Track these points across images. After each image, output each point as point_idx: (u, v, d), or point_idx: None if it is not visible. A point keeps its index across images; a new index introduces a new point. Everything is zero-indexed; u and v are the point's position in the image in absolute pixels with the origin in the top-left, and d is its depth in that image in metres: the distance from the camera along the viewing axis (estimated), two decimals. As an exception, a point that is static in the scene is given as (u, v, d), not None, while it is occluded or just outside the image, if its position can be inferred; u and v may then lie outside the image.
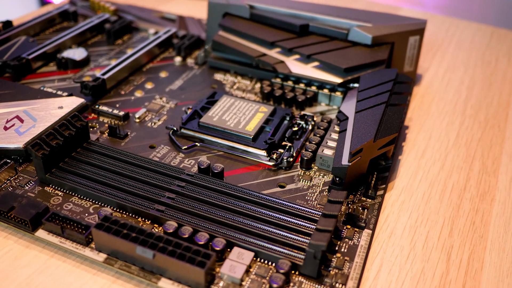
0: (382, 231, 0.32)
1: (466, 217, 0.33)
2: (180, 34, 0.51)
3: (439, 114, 0.44)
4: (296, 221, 0.29)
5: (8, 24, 0.49)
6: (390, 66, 0.45)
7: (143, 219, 0.30)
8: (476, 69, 0.51)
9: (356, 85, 0.41)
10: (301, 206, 0.30)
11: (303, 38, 0.44)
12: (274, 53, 0.44)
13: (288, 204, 0.30)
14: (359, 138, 0.32)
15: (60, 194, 0.32)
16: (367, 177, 0.34)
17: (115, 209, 0.31)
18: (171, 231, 0.28)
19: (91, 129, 0.38)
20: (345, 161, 0.31)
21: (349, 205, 0.32)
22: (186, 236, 0.28)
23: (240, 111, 0.39)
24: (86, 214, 0.30)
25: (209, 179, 0.32)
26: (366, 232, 0.30)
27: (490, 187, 0.36)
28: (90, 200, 0.31)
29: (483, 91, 0.47)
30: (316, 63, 0.42)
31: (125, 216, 0.30)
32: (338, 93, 0.42)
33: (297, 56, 0.43)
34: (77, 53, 0.46)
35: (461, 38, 0.58)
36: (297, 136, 0.38)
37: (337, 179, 0.32)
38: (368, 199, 0.33)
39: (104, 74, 0.42)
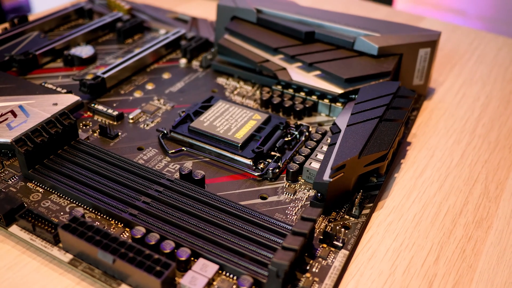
0: (363, 253, 0.30)
1: (457, 244, 0.31)
2: (189, 36, 0.50)
3: (446, 132, 0.41)
4: (268, 236, 0.28)
5: (23, 19, 0.50)
6: (397, 78, 0.43)
7: (116, 222, 0.30)
8: (495, 86, 0.48)
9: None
10: (277, 220, 0.29)
11: (308, 45, 0.43)
12: (277, 60, 0.43)
13: (264, 217, 0.29)
14: (343, 153, 0.30)
15: (40, 191, 0.32)
16: (353, 195, 0.32)
17: (90, 209, 0.31)
18: (138, 236, 0.28)
19: (85, 127, 0.38)
20: (326, 176, 0.30)
21: (330, 222, 0.31)
22: (152, 243, 0.27)
23: (233, 117, 0.38)
24: (62, 213, 0.30)
25: (188, 186, 0.32)
26: (343, 253, 0.29)
27: (489, 214, 0.34)
28: (68, 199, 0.31)
29: (499, 109, 0.45)
30: (318, 72, 0.41)
31: (99, 217, 0.30)
32: (339, 104, 0.40)
33: (299, 64, 0.42)
34: (84, 51, 0.46)
35: (485, 51, 0.55)
36: (290, 146, 0.37)
37: (319, 194, 0.31)
38: (351, 218, 0.31)
39: (104, 73, 0.42)
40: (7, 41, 0.46)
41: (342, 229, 0.30)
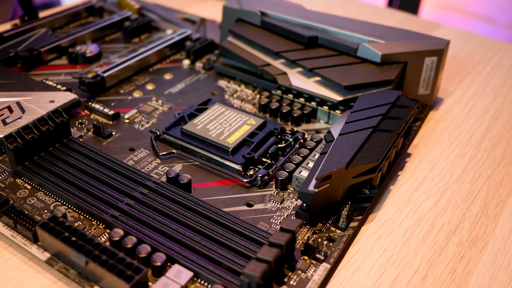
0: (347, 267, 0.29)
1: (448, 263, 0.30)
2: (195, 37, 0.50)
3: (449, 144, 0.40)
4: (247, 245, 0.28)
5: (33, 15, 0.51)
6: (401, 87, 0.42)
7: (97, 222, 0.30)
8: (507, 98, 0.46)
9: (357, 104, 0.38)
10: (258, 229, 0.29)
11: (310, 50, 0.42)
12: (278, 64, 0.42)
13: (245, 225, 0.29)
14: (330, 163, 0.30)
15: (28, 187, 0.32)
16: (341, 206, 0.31)
17: (74, 209, 0.31)
18: (115, 239, 0.27)
19: (80, 126, 0.38)
20: (312, 186, 0.29)
21: (315, 234, 0.30)
22: (129, 246, 0.27)
23: (227, 121, 0.37)
24: (46, 211, 0.30)
25: (173, 189, 0.31)
26: (324, 266, 0.28)
27: (486, 233, 0.32)
28: (54, 197, 0.31)
29: (508, 123, 0.43)
30: (318, 78, 0.40)
31: (81, 217, 0.30)
32: (338, 112, 0.39)
33: (300, 69, 0.41)
34: (89, 49, 0.47)
35: (501, 62, 0.53)
36: (285, 153, 0.36)
37: (304, 204, 0.30)
38: (337, 230, 0.30)
39: (105, 71, 0.42)
40: (15, 37, 0.47)
41: (326, 242, 0.30)
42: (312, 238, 0.29)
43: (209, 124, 0.37)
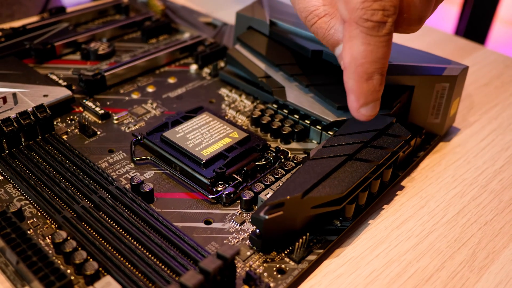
0: (293, 303, 0.27)
1: (408, 315, 0.27)
2: (209, 42, 0.49)
3: (452, 181, 0.36)
4: (188, 266, 0.26)
5: (60, 10, 0.52)
6: (407, 113, 0.39)
7: (51, 221, 0.30)
8: (535, 136, 0.41)
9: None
10: (204, 249, 0.27)
11: (314, 65, 0.40)
12: (279, 77, 0.41)
13: (193, 243, 0.28)
14: (286, 190, 0.27)
15: (1, 178, 0.33)
16: (302, 235, 0.29)
17: (34, 205, 0.31)
18: (57, 241, 0.27)
19: (70, 122, 0.39)
20: (263, 212, 0.27)
21: (266, 263, 0.28)
22: (67, 250, 0.27)
23: (209, 132, 0.36)
24: (8, 204, 0.31)
25: (132, 197, 0.31)
26: (263, 300, 0.26)
27: (464, 286, 0.28)
28: (20, 190, 0.32)
29: (529, 164, 0.38)
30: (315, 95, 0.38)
31: (39, 214, 0.30)
32: (331, 133, 0.37)
33: (299, 84, 0.39)
34: (102, 46, 0.47)
35: (541, 94, 0.47)
36: (267, 171, 0.34)
37: (257, 230, 0.28)
38: (291, 262, 0.28)
39: (106, 70, 0.42)
40: (37, 30, 0.49)
41: (276, 273, 0.28)
42: (260, 267, 0.28)
43: (190, 133, 0.36)
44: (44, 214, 0.30)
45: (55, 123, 0.38)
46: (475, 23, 1.08)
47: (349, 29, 0.28)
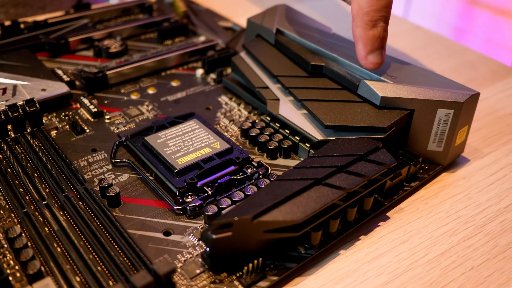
0: (234, 330, 0.26)
1: None
2: (220, 47, 0.49)
3: (445, 216, 0.33)
4: (125, 276, 0.26)
5: (85, 6, 0.54)
6: (406, 138, 0.36)
7: (14, 215, 0.30)
8: (556, 175, 0.37)
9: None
10: (150, 261, 0.26)
11: (313, 79, 0.38)
12: (275, 88, 0.39)
13: (140, 254, 0.27)
14: (239, 210, 0.26)
15: (-19, 168, 0.34)
16: (255, 259, 0.27)
17: (5, 197, 0.31)
18: (10, 236, 0.27)
19: (63, 117, 0.39)
20: (212, 231, 0.26)
21: (213, 283, 0.27)
22: (16, 247, 0.27)
23: (192, 140, 0.35)
24: (-19, 194, 0.32)
25: (96, 200, 0.30)
26: (199, 323, 0.25)
27: (428, 337, 0.26)
28: (-5, 182, 0.33)
29: (540, 207, 0.34)
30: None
31: (7, 207, 0.31)
32: (319, 152, 0.35)
33: (293, 98, 0.37)
34: (114, 44, 0.48)
35: None
36: (244, 185, 0.33)
37: (207, 249, 0.27)
38: (240, 286, 0.27)
39: (109, 69, 0.43)
40: (57, 24, 0.50)
41: (220, 296, 0.26)
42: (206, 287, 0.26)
43: (172, 140, 0.35)
44: (12, 207, 0.31)
45: (49, 117, 0.39)
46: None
47: None
